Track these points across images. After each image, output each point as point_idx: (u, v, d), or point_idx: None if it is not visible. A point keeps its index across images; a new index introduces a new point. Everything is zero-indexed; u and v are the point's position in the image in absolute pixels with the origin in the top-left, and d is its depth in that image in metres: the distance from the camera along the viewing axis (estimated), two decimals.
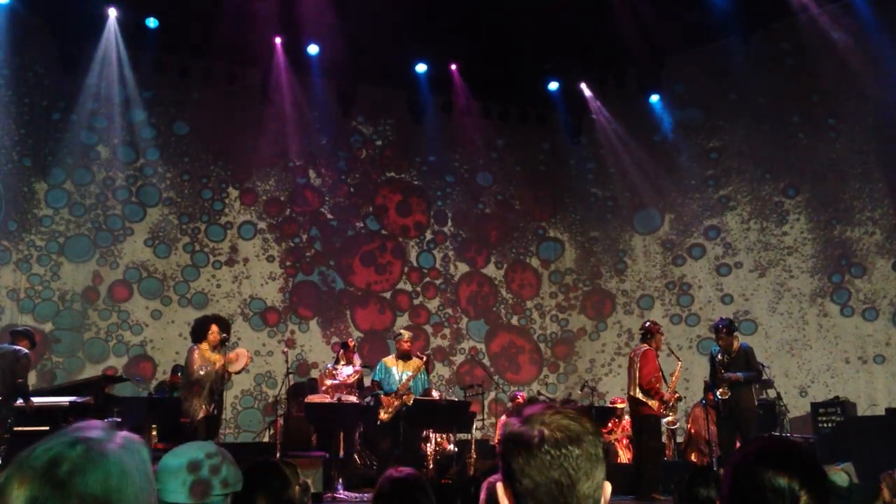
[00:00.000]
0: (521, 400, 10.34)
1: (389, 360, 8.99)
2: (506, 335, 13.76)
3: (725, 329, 8.38)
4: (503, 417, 10.30)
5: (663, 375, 8.37)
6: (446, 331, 13.43)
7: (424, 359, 9.20)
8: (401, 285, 13.37)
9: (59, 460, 1.03)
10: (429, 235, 13.73)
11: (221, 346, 8.12)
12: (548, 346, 13.90)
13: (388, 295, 13.29)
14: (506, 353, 13.68)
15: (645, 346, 8.49)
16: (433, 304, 13.44)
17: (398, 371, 8.74)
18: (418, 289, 13.42)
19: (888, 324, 11.17)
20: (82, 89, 11.58)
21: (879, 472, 4.98)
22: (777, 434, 9.06)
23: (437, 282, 13.56)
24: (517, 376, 13.50)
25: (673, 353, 8.84)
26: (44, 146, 11.62)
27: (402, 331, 9.31)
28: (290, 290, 12.64)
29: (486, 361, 13.07)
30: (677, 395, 8.55)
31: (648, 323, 8.86)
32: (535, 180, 14.43)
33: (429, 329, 13.28)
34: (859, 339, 11.33)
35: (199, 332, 8.12)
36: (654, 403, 8.16)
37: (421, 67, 12.93)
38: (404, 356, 8.86)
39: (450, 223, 13.88)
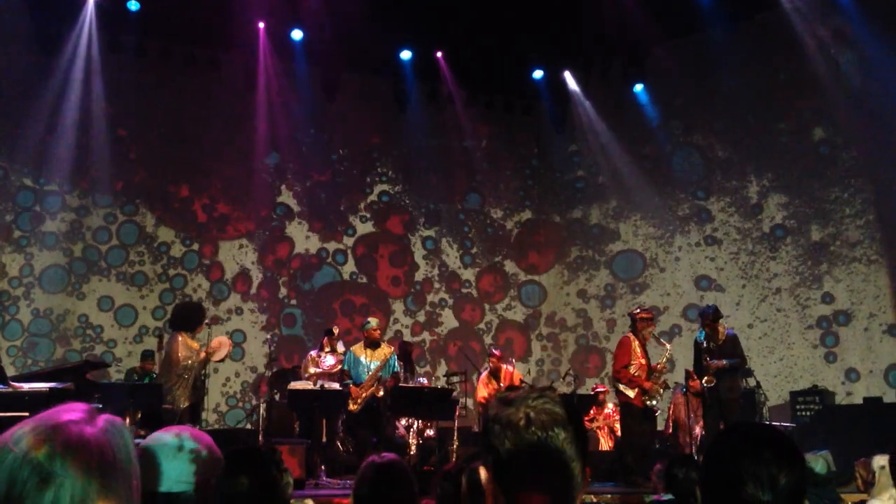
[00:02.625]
0: (498, 355, 10.15)
1: (357, 348, 8.81)
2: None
3: (711, 315, 8.36)
4: (483, 374, 10.17)
5: (648, 363, 8.25)
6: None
7: (393, 348, 9.07)
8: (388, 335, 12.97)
9: (39, 443, 1.02)
10: (417, 278, 13.41)
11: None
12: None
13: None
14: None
15: (626, 335, 8.50)
16: (418, 357, 13.00)
17: (366, 360, 8.64)
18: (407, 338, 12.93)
19: (868, 319, 11.29)
20: (56, 105, 11.23)
21: (856, 460, 5.04)
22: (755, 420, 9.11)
23: (425, 329, 13.30)
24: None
25: (659, 341, 8.71)
26: (18, 165, 11.33)
27: (369, 318, 9.12)
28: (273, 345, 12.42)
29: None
30: (663, 381, 8.38)
31: (635, 309, 8.77)
32: (524, 202, 14.23)
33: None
34: (840, 333, 11.46)
35: (185, 321, 8.04)
36: (630, 392, 8.11)
37: (406, 54, 12.76)
38: (373, 344, 8.73)
39: (436, 273, 13.55)
